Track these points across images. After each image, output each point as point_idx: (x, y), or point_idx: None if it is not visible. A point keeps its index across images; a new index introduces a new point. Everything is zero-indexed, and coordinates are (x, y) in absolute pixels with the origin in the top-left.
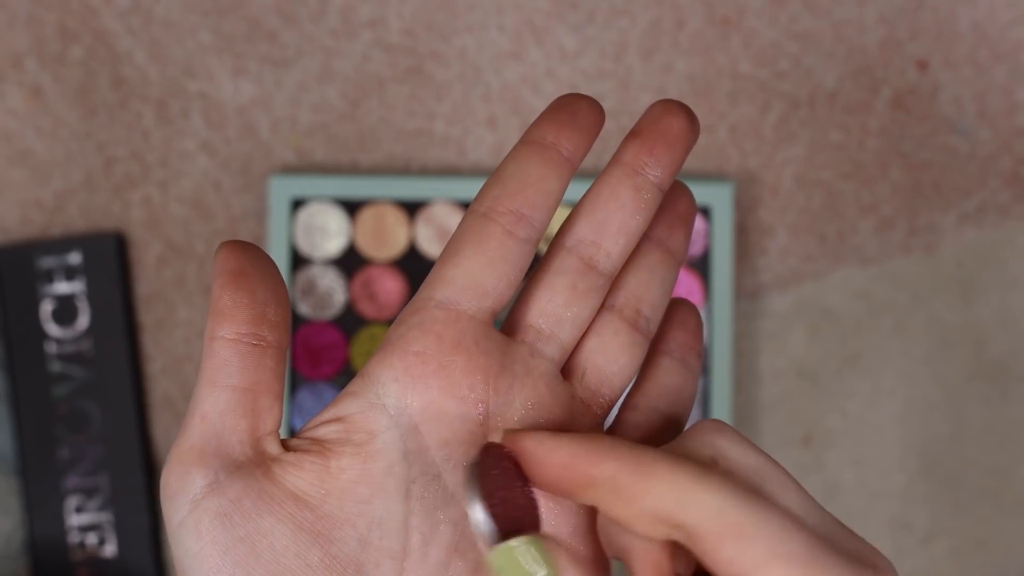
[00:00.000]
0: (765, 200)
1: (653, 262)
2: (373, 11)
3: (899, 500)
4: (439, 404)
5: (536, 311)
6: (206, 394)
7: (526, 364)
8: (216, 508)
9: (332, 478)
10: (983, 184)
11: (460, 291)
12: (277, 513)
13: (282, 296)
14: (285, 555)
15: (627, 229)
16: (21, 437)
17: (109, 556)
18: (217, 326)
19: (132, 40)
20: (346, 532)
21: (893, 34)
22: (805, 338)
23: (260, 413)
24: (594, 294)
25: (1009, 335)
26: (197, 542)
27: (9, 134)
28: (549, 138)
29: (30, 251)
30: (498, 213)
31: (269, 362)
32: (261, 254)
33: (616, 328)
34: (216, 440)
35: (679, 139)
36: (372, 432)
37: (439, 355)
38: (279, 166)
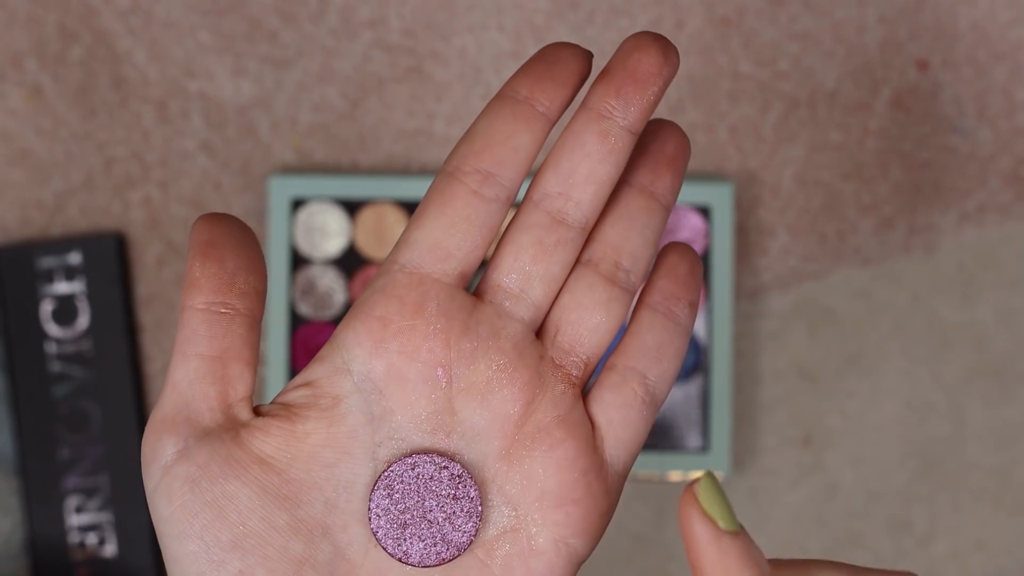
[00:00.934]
0: (765, 200)
1: (632, 210)
2: (373, 11)
3: (899, 500)
4: (400, 368)
5: (503, 270)
6: (176, 364)
7: (492, 325)
8: (185, 473)
9: (298, 442)
10: (983, 184)
11: (423, 254)
12: (243, 477)
13: (255, 265)
14: (251, 518)
15: (596, 177)
16: (21, 437)
17: (109, 556)
18: (187, 296)
19: (132, 40)
20: (312, 495)
21: (893, 34)
22: (805, 338)
23: (230, 380)
24: (564, 248)
25: (1009, 335)
26: (168, 507)
27: (9, 134)
28: (523, 92)
29: (30, 251)
30: (463, 173)
31: (238, 329)
32: (236, 224)
33: (590, 283)
34: (186, 408)
35: (650, 76)
36: (337, 396)
37: (399, 319)
38: (279, 166)
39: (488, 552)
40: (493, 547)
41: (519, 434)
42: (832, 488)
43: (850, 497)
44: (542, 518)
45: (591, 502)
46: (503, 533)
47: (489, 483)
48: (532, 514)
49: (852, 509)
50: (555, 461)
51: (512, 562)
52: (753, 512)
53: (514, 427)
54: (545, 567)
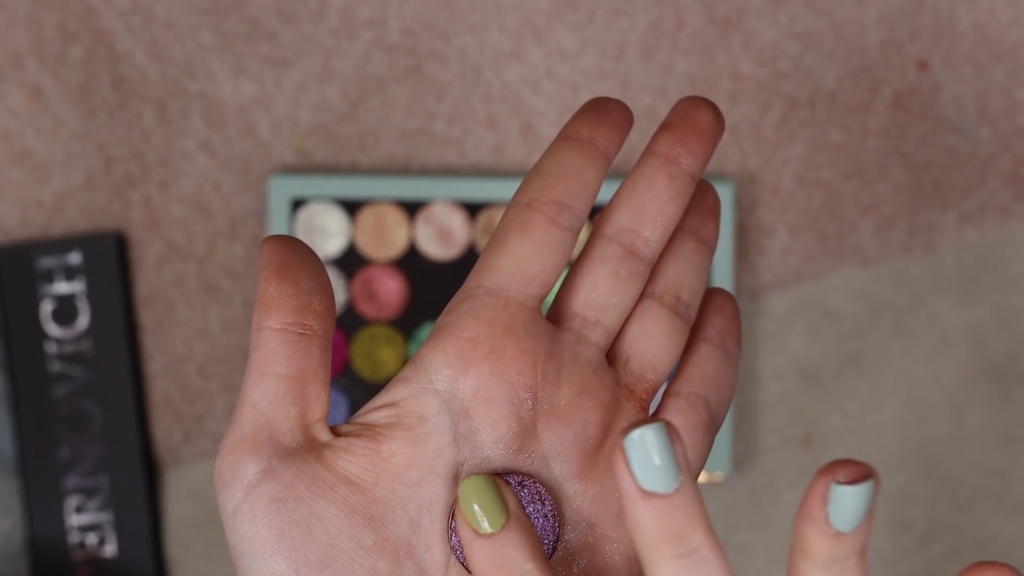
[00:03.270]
0: (765, 200)
1: (688, 251)
2: (373, 11)
3: (899, 500)
4: (490, 388)
5: (581, 299)
6: (255, 382)
7: (573, 351)
8: (271, 493)
9: (383, 462)
10: (983, 184)
11: (508, 278)
12: (330, 497)
13: (326, 286)
14: (339, 537)
15: (664, 216)
16: (21, 437)
17: (109, 556)
18: (264, 316)
19: (132, 40)
20: (397, 515)
21: (893, 34)
22: (805, 338)
23: (309, 400)
24: (635, 280)
25: (1009, 335)
26: (253, 526)
27: (9, 134)
28: (584, 133)
29: (30, 251)
30: (541, 203)
31: (315, 350)
32: (304, 247)
33: (657, 314)
34: (267, 427)
35: (708, 130)
36: (423, 416)
37: (490, 340)
38: (279, 166)
39: (565, 567)
40: (569, 562)
41: (598, 455)
42: None
43: None
44: (618, 536)
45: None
46: (580, 549)
47: (567, 502)
48: (609, 532)
49: None
50: None
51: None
52: (753, 512)
53: (593, 448)
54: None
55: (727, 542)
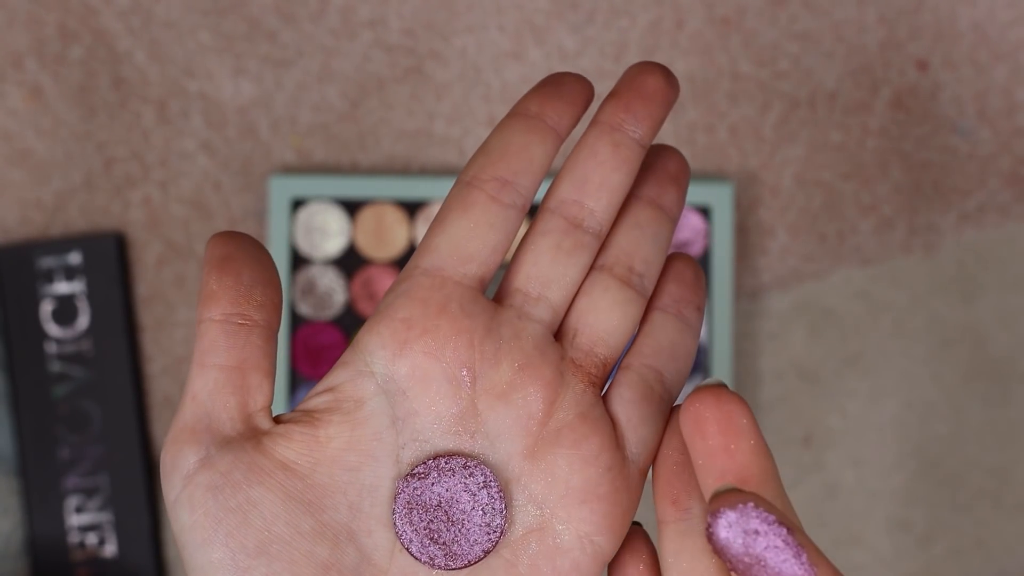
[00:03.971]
0: (765, 200)
1: (643, 219)
2: (373, 11)
3: (899, 500)
4: (425, 368)
5: (522, 274)
6: (196, 375)
7: (513, 327)
8: (207, 481)
9: (321, 447)
10: (983, 184)
11: (444, 257)
12: (267, 483)
13: (271, 279)
14: (276, 523)
15: (609, 185)
16: (21, 437)
17: (109, 556)
18: (205, 309)
19: (132, 40)
20: (337, 500)
21: (893, 34)
22: (805, 338)
23: (249, 390)
24: (581, 252)
25: (1009, 335)
26: (191, 515)
27: (9, 134)
28: (533, 109)
29: (30, 251)
30: (481, 180)
31: (256, 340)
32: (250, 241)
33: (606, 285)
34: (207, 418)
35: (656, 95)
36: (360, 400)
37: (424, 320)
38: (279, 166)
39: (514, 552)
40: (519, 547)
41: (542, 432)
42: (832, 488)
43: (850, 497)
44: (567, 515)
45: (615, 498)
46: (529, 532)
47: (514, 483)
48: (557, 512)
49: (852, 509)
50: (579, 457)
51: (538, 561)
52: None
53: (537, 426)
54: (571, 565)
55: None
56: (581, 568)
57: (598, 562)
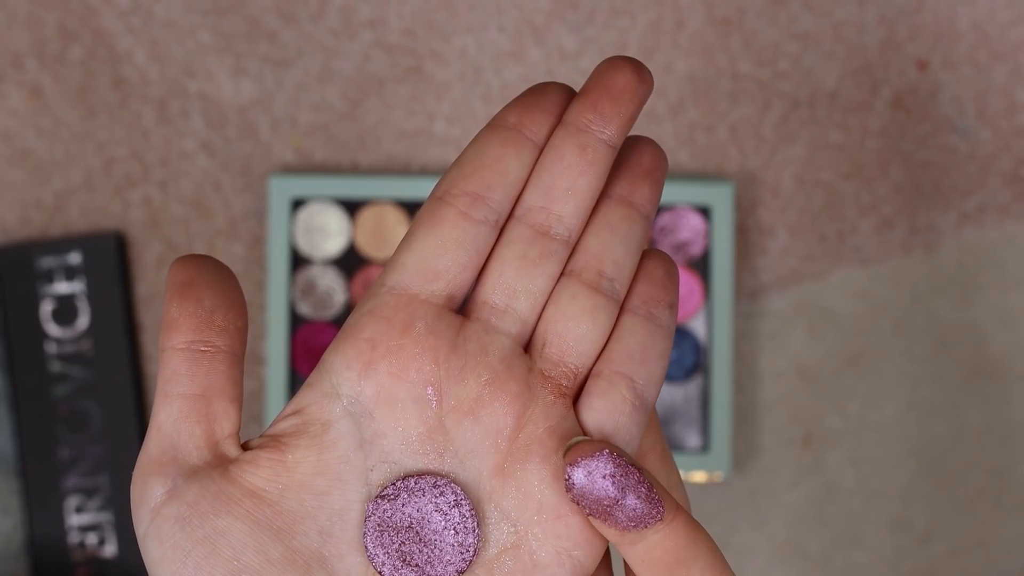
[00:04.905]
0: (765, 200)
1: (612, 219)
2: (373, 11)
3: (899, 500)
4: (390, 389)
5: (488, 286)
6: (160, 405)
7: (480, 342)
8: (175, 513)
9: (288, 472)
10: (983, 184)
11: (411, 275)
12: (234, 512)
13: (233, 302)
14: (245, 552)
15: (576, 189)
16: (21, 437)
17: (109, 556)
18: (166, 338)
19: (132, 40)
20: (307, 525)
21: (893, 34)
22: (805, 338)
23: (215, 417)
24: (548, 261)
25: (1009, 335)
26: (159, 548)
27: (9, 134)
28: (511, 120)
29: (30, 251)
30: (452, 196)
31: (220, 366)
32: (213, 264)
33: (573, 292)
34: (172, 449)
35: (624, 92)
36: (326, 422)
37: (388, 339)
38: (279, 166)
39: (489, 571)
40: (494, 566)
41: (512, 448)
42: (832, 488)
43: (850, 497)
44: (542, 532)
45: None
46: (504, 550)
47: (486, 501)
48: (531, 528)
49: (852, 509)
50: (550, 472)
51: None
52: (753, 512)
53: (507, 442)
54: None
55: (727, 542)
56: None
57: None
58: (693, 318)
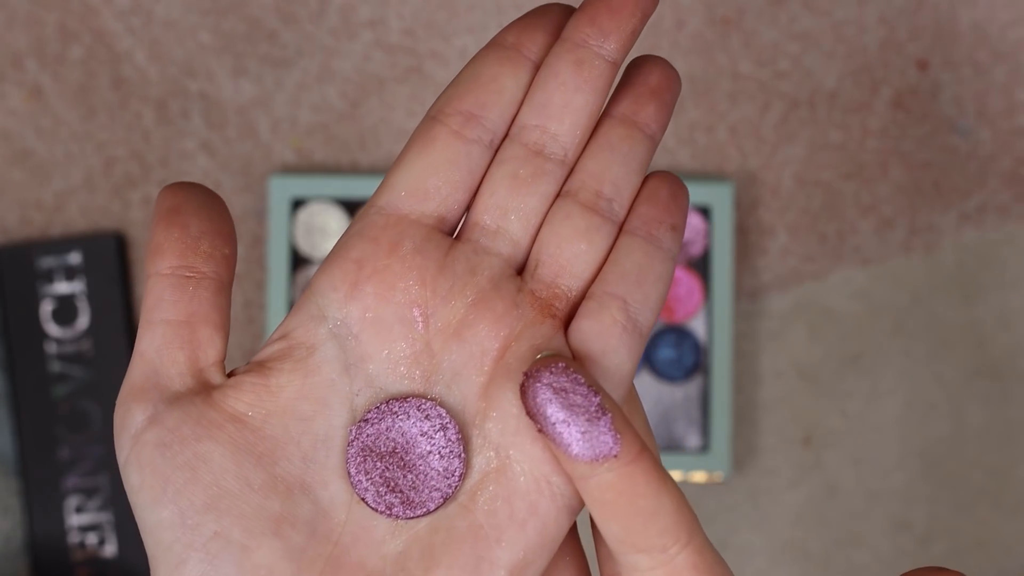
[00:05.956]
0: (765, 200)
1: (613, 139)
2: (373, 11)
3: (899, 500)
4: (376, 310)
5: (480, 207)
6: (143, 332)
7: (469, 263)
8: (155, 439)
9: (272, 396)
10: (983, 184)
11: (401, 195)
12: (216, 437)
13: (221, 229)
14: (225, 477)
15: (572, 107)
16: (21, 437)
17: (109, 556)
18: (151, 263)
19: (132, 40)
20: (290, 451)
21: (893, 34)
22: (805, 338)
23: (199, 344)
24: (541, 180)
25: (1009, 335)
26: (139, 475)
27: (9, 134)
28: (510, 39)
29: (30, 251)
30: (446, 115)
31: (204, 293)
32: (202, 190)
33: (568, 211)
34: (154, 375)
35: (625, 6)
36: (312, 346)
37: (375, 260)
38: (279, 166)
39: (471, 497)
40: (477, 492)
41: (496, 369)
42: (832, 488)
43: (850, 497)
44: (520, 454)
45: None
46: (486, 475)
47: (471, 425)
48: (510, 451)
49: (852, 509)
50: None
51: (496, 505)
52: (753, 512)
53: (491, 363)
54: (528, 508)
55: (727, 542)
56: (539, 511)
57: (560, 506)
58: (693, 318)
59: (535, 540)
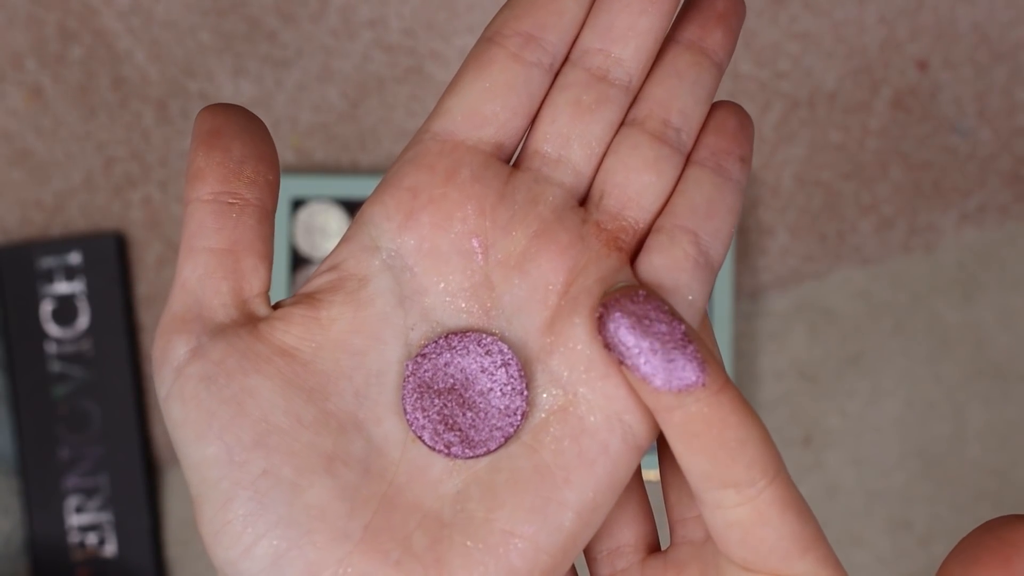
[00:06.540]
0: (765, 200)
1: (680, 66)
2: (373, 11)
3: (899, 500)
4: (433, 241)
5: (540, 135)
6: (184, 261)
7: (530, 191)
8: (200, 372)
9: (323, 330)
10: (983, 184)
11: (457, 121)
12: (264, 370)
13: (264, 154)
14: (274, 413)
15: (637, 30)
16: (21, 437)
17: (109, 556)
18: (191, 188)
19: (132, 40)
20: (342, 387)
21: (893, 34)
22: (805, 338)
23: (244, 274)
24: (606, 107)
25: (1009, 335)
26: (183, 410)
27: (9, 134)
28: None
29: (30, 251)
30: (503, 36)
31: (249, 220)
32: (243, 113)
33: (636, 141)
34: (197, 306)
35: None
36: (364, 277)
37: (431, 188)
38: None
39: (536, 437)
40: (541, 430)
41: (561, 304)
42: (832, 488)
43: (850, 497)
44: (590, 392)
45: None
46: (551, 414)
47: (534, 361)
48: (579, 388)
49: (852, 509)
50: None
51: (563, 444)
52: None
53: (556, 297)
54: (599, 447)
55: None
56: (611, 451)
57: (630, 446)
58: None
59: (605, 481)
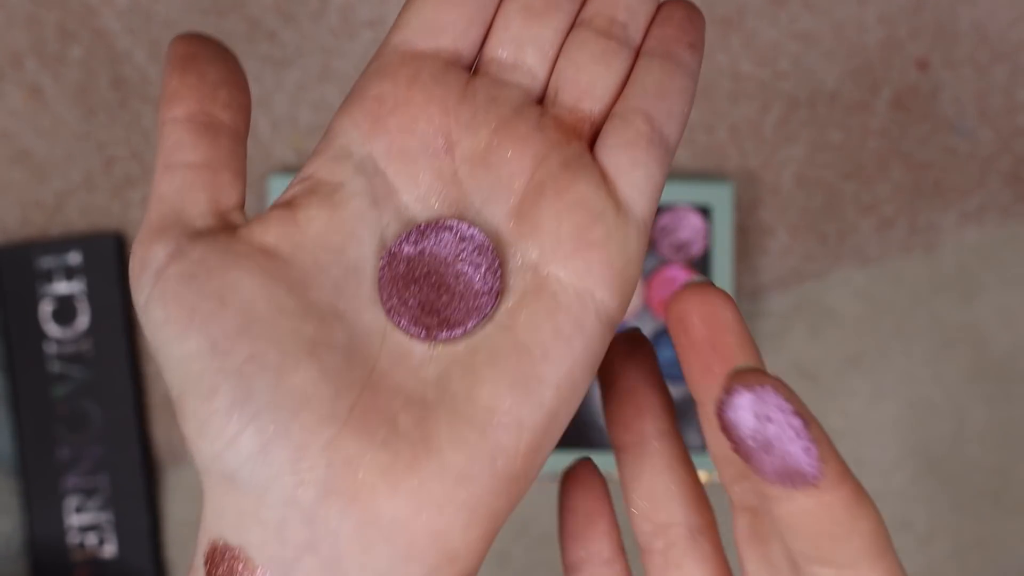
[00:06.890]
0: (765, 200)
1: None
2: (373, 11)
3: (899, 500)
4: (400, 142)
5: (495, 41)
6: (161, 177)
7: (489, 93)
8: (180, 271)
9: (300, 230)
10: (983, 184)
11: (415, 32)
12: (245, 266)
13: (237, 80)
14: (256, 302)
15: None
16: (21, 437)
17: (109, 556)
18: (167, 109)
19: (132, 40)
20: (321, 280)
21: (893, 34)
22: (805, 338)
23: (221, 187)
24: (556, 13)
25: (1009, 335)
26: (163, 309)
27: (9, 134)
28: None
29: (30, 251)
30: None
31: (224, 140)
32: (215, 42)
33: (583, 39)
34: (175, 215)
35: None
36: (338, 183)
37: (395, 94)
38: (279, 166)
39: (512, 317)
40: (516, 310)
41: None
42: None
43: None
44: (561, 268)
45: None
46: (525, 295)
47: (505, 246)
48: (549, 266)
49: None
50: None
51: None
52: None
53: (522, 185)
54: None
55: (728, 542)
56: (585, 326)
57: (603, 321)
58: None
59: (581, 356)
